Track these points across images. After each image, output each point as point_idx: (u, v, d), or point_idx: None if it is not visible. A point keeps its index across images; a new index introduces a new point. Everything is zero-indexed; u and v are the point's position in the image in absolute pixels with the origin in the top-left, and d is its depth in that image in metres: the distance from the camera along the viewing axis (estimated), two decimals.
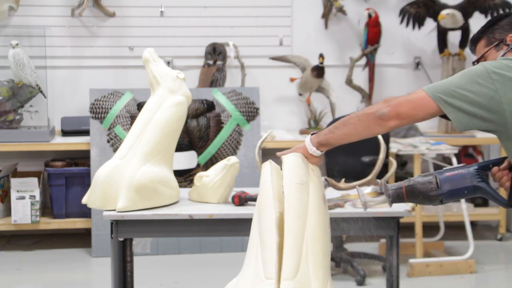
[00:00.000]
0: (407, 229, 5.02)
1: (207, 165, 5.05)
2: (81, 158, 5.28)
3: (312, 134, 2.44)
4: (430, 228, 5.30)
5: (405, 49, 5.82)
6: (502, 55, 2.31)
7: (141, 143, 3.13)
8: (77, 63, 5.52)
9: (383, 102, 2.25)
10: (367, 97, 5.63)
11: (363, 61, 5.66)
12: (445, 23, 5.39)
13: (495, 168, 2.32)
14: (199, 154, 5.15)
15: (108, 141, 5.04)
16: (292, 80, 5.59)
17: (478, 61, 2.39)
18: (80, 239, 5.36)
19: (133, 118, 5.01)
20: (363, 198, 2.34)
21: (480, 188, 2.28)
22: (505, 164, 2.32)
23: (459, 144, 5.32)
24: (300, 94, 5.60)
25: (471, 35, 2.48)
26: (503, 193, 2.37)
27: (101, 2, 5.42)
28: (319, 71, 5.37)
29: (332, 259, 4.61)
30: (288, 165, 2.35)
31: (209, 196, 3.21)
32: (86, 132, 5.15)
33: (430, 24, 5.60)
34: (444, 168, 2.33)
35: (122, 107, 5.09)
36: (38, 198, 5.02)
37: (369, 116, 2.24)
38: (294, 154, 2.42)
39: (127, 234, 3.16)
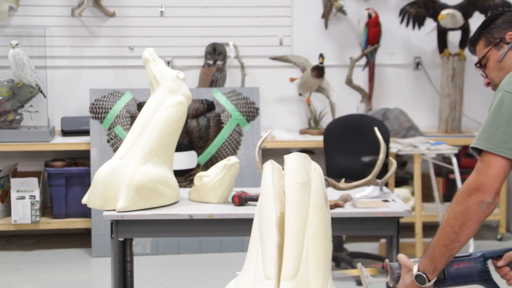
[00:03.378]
0: (407, 229, 5.01)
1: (207, 165, 5.05)
2: (81, 158, 5.28)
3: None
4: (430, 228, 5.29)
5: (405, 49, 5.82)
6: (505, 53, 2.29)
7: (141, 143, 3.13)
8: (77, 63, 5.52)
9: (473, 194, 2.10)
10: (367, 97, 5.63)
11: (363, 61, 5.66)
12: (445, 23, 5.39)
13: (502, 261, 2.31)
14: (199, 154, 5.14)
15: (108, 141, 5.04)
16: (292, 80, 5.58)
17: (479, 62, 2.36)
18: (80, 239, 5.36)
19: (133, 118, 5.01)
20: (368, 280, 2.33)
21: (484, 283, 2.28)
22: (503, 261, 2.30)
23: (459, 144, 5.32)
24: (300, 94, 5.60)
25: (471, 35, 2.47)
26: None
27: (101, 2, 5.42)
28: (319, 71, 5.37)
29: (332, 259, 4.60)
30: (290, 164, 2.34)
31: (209, 196, 3.21)
32: (86, 132, 5.15)
33: (430, 24, 5.59)
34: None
35: (122, 107, 5.09)
36: (38, 198, 5.02)
37: (477, 214, 2.12)
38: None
39: (127, 234, 3.17)
